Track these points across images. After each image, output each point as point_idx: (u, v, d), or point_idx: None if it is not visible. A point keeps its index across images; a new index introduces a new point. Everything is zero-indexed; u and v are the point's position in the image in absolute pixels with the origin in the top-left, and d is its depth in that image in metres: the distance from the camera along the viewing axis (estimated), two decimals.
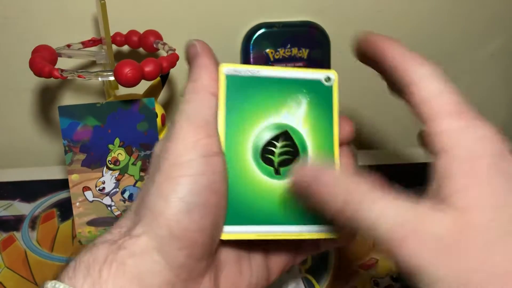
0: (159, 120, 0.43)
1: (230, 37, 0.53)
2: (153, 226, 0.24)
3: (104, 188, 0.42)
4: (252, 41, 0.51)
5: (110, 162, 0.41)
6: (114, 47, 0.47)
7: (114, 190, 0.42)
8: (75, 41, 0.46)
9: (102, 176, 0.42)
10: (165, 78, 0.45)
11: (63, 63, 0.42)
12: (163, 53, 0.43)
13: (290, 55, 0.52)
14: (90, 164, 0.41)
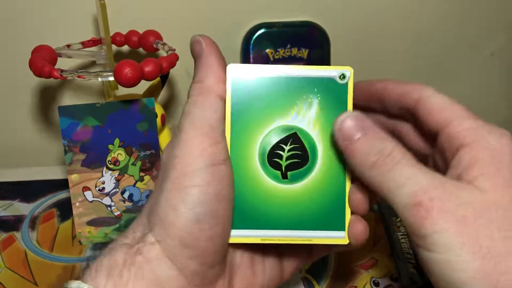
0: (159, 120, 0.42)
1: (230, 37, 0.53)
2: (164, 236, 0.25)
3: (104, 188, 0.42)
4: (252, 41, 0.51)
5: (110, 162, 0.41)
6: (114, 47, 0.47)
7: (114, 190, 0.42)
8: (75, 41, 0.46)
9: (102, 176, 0.42)
10: (165, 78, 0.45)
11: (63, 63, 0.42)
12: (163, 53, 0.43)
13: (290, 55, 0.52)
14: (90, 164, 0.41)
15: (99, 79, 0.38)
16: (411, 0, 0.54)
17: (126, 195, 0.43)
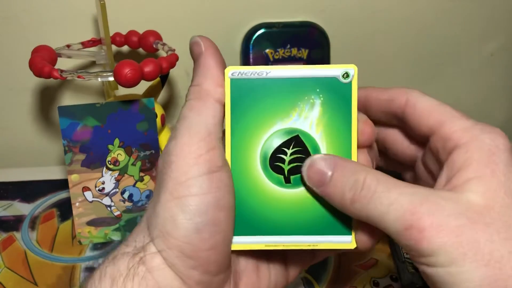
0: (158, 120, 0.43)
1: (230, 37, 0.53)
2: (164, 246, 0.25)
3: (103, 188, 0.42)
4: (252, 41, 0.51)
5: (109, 163, 0.41)
6: (113, 47, 0.47)
7: (114, 191, 0.42)
8: (75, 41, 0.46)
9: (102, 176, 0.42)
10: (164, 78, 0.45)
11: (63, 63, 0.42)
12: (162, 53, 0.43)
13: (289, 55, 0.52)
14: (90, 164, 0.41)
15: (99, 79, 0.38)
16: (411, 1, 0.54)
17: (126, 195, 0.43)
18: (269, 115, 0.26)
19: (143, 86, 0.43)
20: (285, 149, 0.27)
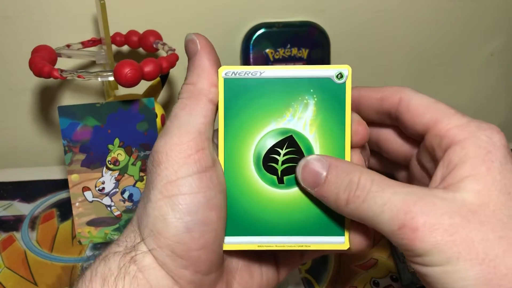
0: (158, 120, 0.43)
1: (230, 37, 0.53)
2: (155, 246, 0.24)
3: (103, 188, 0.42)
4: (252, 41, 0.51)
5: (109, 162, 0.41)
6: (113, 47, 0.47)
7: (114, 190, 0.42)
8: (74, 41, 0.46)
9: (102, 176, 0.42)
10: (164, 78, 0.45)
11: (62, 63, 0.42)
12: (162, 53, 0.43)
13: (290, 55, 0.52)
14: (90, 164, 0.41)
15: (99, 79, 0.38)
16: (411, 1, 0.54)
17: (126, 195, 0.43)
18: (262, 115, 0.26)
19: (143, 86, 0.43)
20: (278, 149, 0.26)
